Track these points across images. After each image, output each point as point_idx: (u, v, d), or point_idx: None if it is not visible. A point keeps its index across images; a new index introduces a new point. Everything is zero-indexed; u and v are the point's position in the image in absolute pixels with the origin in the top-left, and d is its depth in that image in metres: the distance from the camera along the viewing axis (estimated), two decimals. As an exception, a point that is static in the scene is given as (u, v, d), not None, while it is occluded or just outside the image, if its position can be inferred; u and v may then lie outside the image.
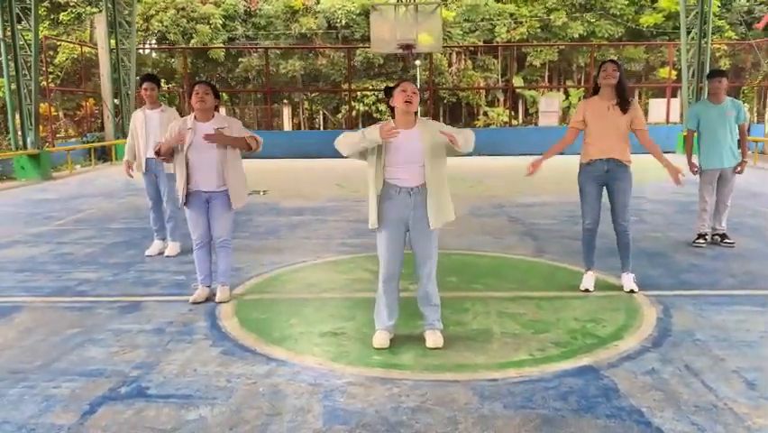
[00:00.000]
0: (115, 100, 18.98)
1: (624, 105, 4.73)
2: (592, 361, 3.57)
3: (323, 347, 3.86)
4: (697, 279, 5.30)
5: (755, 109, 22.70)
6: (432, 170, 3.66)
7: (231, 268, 4.99)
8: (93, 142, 18.74)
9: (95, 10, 26.53)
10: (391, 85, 3.83)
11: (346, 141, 3.73)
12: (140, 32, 26.14)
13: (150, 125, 6.23)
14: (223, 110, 5.41)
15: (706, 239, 6.50)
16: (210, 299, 4.81)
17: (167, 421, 2.93)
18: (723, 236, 6.49)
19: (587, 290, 4.91)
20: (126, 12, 18.83)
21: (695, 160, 6.53)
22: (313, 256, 6.27)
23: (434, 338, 3.82)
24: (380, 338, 3.83)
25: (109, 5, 18.36)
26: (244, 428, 2.87)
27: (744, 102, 22.83)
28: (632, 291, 4.86)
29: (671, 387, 3.23)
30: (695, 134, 6.54)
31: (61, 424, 2.91)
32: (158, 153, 4.68)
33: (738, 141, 6.41)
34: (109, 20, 18.47)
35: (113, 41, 18.60)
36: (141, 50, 28.16)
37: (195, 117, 4.66)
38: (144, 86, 6.22)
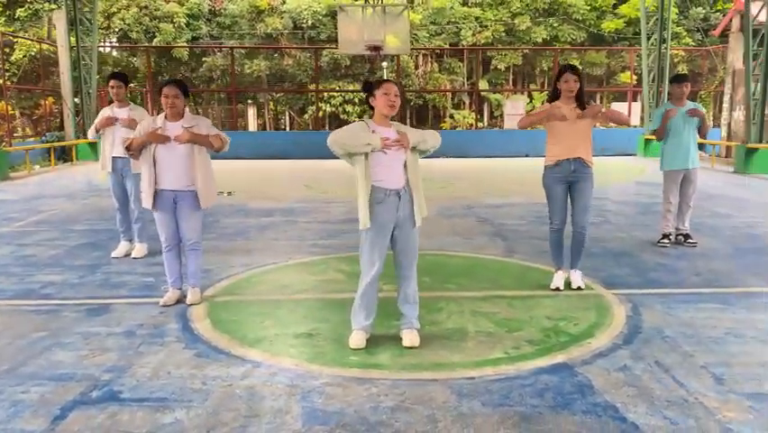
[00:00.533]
0: (76, 99, 18.52)
1: (584, 108, 4.86)
2: (566, 358, 3.63)
3: (298, 348, 3.83)
4: (664, 277, 5.43)
5: (712, 114, 23.36)
6: (412, 170, 3.74)
7: (201, 269, 4.92)
8: (52, 141, 18.25)
9: (53, 6, 25.86)
10: (372, 81, 3.83)
11: (346, 141, 3.65)
12: (101, 30, 25.58)
13: (117, 125, 6.11)
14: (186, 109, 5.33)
15: (670, 239, 6.66)
16: (181, 301, 4.73)
17: (142, 425, 2.87)
18: (686, 236, 6.66)
19: (557, 289, 4.99)
20: (87, 9, 18.40)
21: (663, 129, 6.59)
22: (284, 258, 6.22)
23: (410, 337, 3.83)
24: (357, 338, 3.82)
25: (69, 2, 17.90)
26: (222, 430, 2.82)
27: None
28: (579, 288, 4.97)
29: (643, 383, 3.30)
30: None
31: (32, 430, 2.83)
32: (127, 148, 4.59)
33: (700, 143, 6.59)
34: (69, 17, 18.02)
35: (73, 39, 18.15)
36: (102, 49, 27.54)
37: (165, 117, 4.59)
38: (111, 83, 6.10)
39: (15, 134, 20.63)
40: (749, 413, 2.96)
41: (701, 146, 19.05)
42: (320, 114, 26.30)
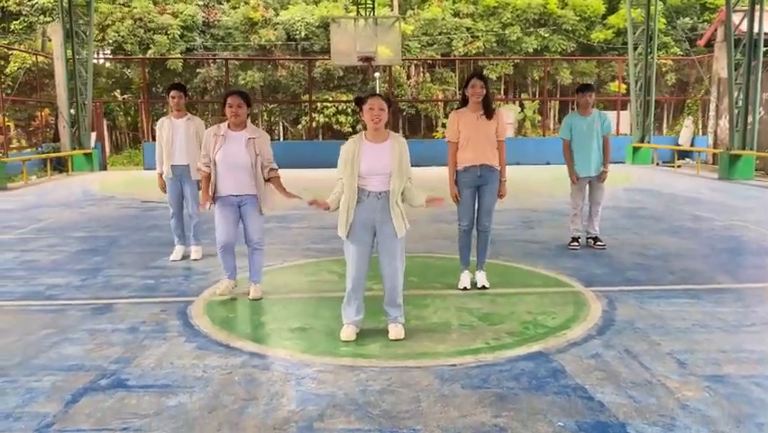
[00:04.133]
0: (71, 110, 18.76)
1: (489, 114, 5.12)
2: (542, 347, 3.90)
3: (293, 341, 4.08)
4: (640, 276, 5.71)
5: (699, 122, 23.77)
6: (396, 182, 3.97)
7: (263, 267, 5.19)
8: (48, 152, 18.46)
9: (48, 19, 26.15)
10: (361, 95, 4.12)
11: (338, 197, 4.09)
12: (96, 42, 25.84)
13: (176, 134, 6.37)
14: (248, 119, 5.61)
15: (579, 242, 6.93)
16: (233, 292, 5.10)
17: (148, 408, 3.11)
18: (596, 239, 6.92)
19: (465, 288, 5.23)
20: (82, 21, 18.67)
21: (573, 170, 6.86)
22: (279, 260, 6.47)
23: (395, 330, 4.09)
24: (348, 332, 4.08)
25: (65, 15, 18.18)
26: (223, 411, 3.07)
27: (688, 114, 23.93)
28: (484, 288, 5.23)
29: (612, 368, 3.57)
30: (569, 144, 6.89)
31: (46, 412, 3.07)
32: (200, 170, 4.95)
33: (604, 147, 6.83)
34: (65, 29, 18.28)
35: (68, 51, 18.41)
36: (96, 60, 27.81)
37: (228, 126, 4.86)
38: (172, 94, 6.37)
39: (11, 146, 20.80)
40: (706, 392, 3.23)
41: (688, 153, 19.53)
42: (313, 124, 26.59)
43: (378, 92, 28.37)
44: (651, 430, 2.84)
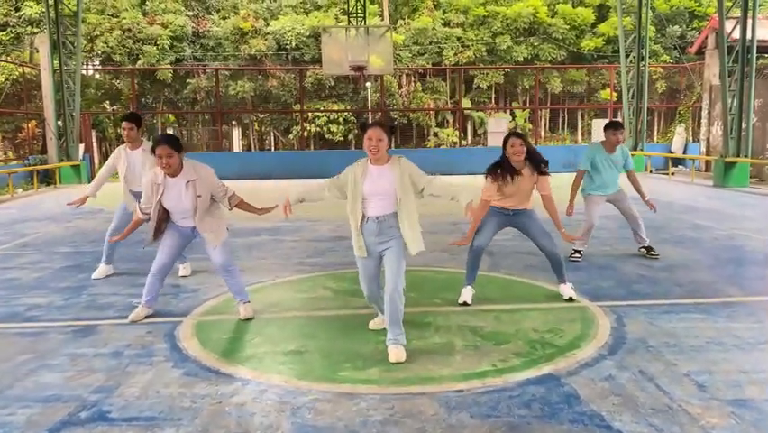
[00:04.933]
0: (59, 122, 18.46)
1: (541, 171, 4.93)
2: (552, 369, 3.68)
3: (287, 365, 3.84)
4: (647, 289, 5.52)
5: (690, 129, 23.76)
6: (404, 201, 3.92)
7: (244, 286, 4.96)
8: (35, 164, 18.13)
9: (36, 30, 25.86)
10: (365, 122, 4.12)
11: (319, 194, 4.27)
12: (84, 53, 25.59)
13: (133, 164, 6.19)
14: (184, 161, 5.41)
15: (581, 254, 6.77)
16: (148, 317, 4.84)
17: (131, 444, 2.87)
18: (648, 249, 6.79)
19: (465, 304, 5.03)
20: (70, 32, 18.42)
21: (574, 202, 6.67)
22: (271, 276, 6.24)
23: (396, 352, 3.87)
24: (377, 321, 4.34)
25: (52, 26, 17.92)
26: (212, 447, 2.83)
27: (680, 122, 23.90)
28: (571, 299, 5.10)
29: (628, 391, 3.35)
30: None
31: (20, 451, 2.81)
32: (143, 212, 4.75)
33: (633, 182, 6.85)
34: (52, 40, 18.02)
35: (56, 62, 18.14)
36: (85, 71, 27.53)
37: (165, 174, 4.63)
38: (123, 125, 6.16)
39: (-3, 158, 20.45)
40: (731, 419, 3.02)
41: (681, 161, 19.46)
42: (305, 134, 26.40)
43: (368, 103, 28.26)
44: (677, 464, 2.62)
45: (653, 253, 6.74)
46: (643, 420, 3.02)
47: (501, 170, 4.98)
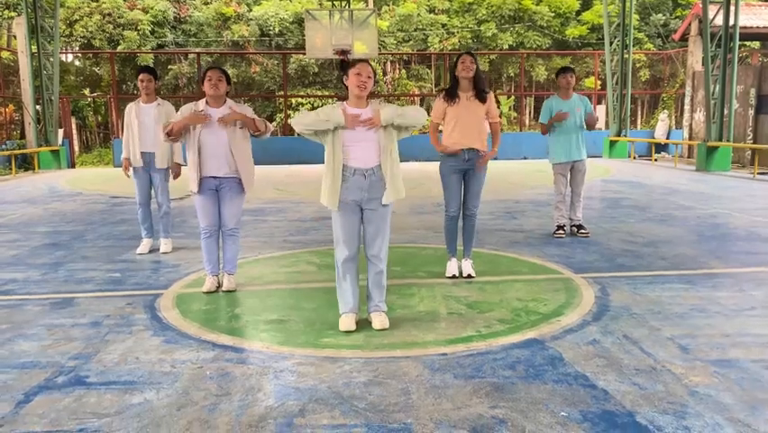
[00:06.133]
0: (37, 107, 18.13)
1: (481, 96, 4.89)
2: (537, 334, 3.66)
3: (270, 333, 3.79)
4: (631, 262, 5.52)
5: (674, 116, 23.91)
6: (385, 149, 3.73)
7: (237, 257, 4.90)
8: (13, 149, 17.81)
9: (13, 14, 25.34)
10: (348, 60, 3.84)
11: (307, 120, 3.69)
12: (63, 38, 25.14)
13: (144, 120, 6.00)
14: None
15: (564, 230, 6.76)
16: (218, 288, 4.76)
17: (109, 406, 2.80)
18: (579, 227, 6.76)
19: (453, 276, 5.00)
20: (48, 16, 18.06)
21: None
22: (254, 253, 6.16)
23: (380, 319, 3.82)
24: (346, 321, 3.79)
25: (29, 9, 17.55)
26: (193, 408, 2.77)
27: (663, 108, 24.05)
28: (470, 276, 4.99)
29: (612, 354, 3.34)
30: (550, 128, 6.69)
31: (-7, 414, 2.74)
32: (168, 134, 4.53)
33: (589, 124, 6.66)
34: (30, 24, 17.65)
35: (34, 47, 17.77)
36: (64, 57, 27.07)
37: (206, 102, 4.58)
38: (141, 77, 6.01)
39: (-25, 144, 20.05)
40: (714, 377, 3.02)
41: (665, 147, 19.60)
42: (288, 120, 26.21)
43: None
44: (662, 419, 2.61)
45: (583, 231, 6.71)
46: (627, 380, 3.01)
47: (450, 89, 4.96)
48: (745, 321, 3.88)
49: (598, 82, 24.17)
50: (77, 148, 23.26)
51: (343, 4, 19.89)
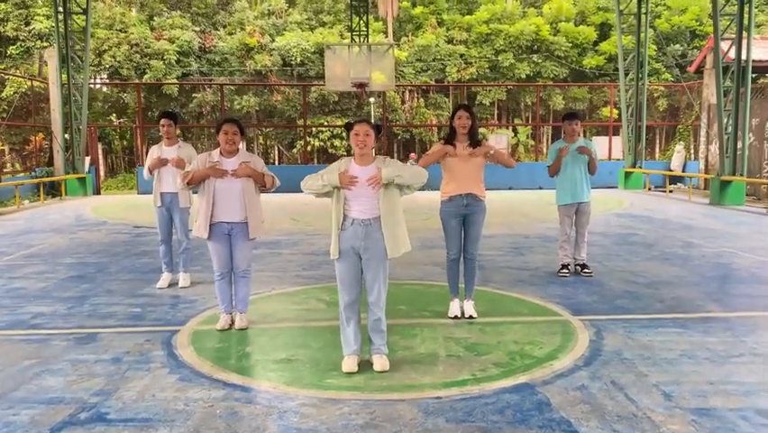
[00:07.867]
0: (66, 135, 18.79)
1: (475, 145, 5.19)
2: (528, 379, 3.87)
3: (277, 373, 4.04)
4: (629, 304, 5.70)
5: (691, 147, 23.96)
6: (385, 203, 4.00)
7: (249, 296, 5.18)
8: (42, 176, 18.45)
9: (45, 44, 26.31)
10: (351, 121, 4.15)
11: (309, 183, 4.09)
12: (92, 67, 26.00)
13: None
14: (241, 145, 5.67)
15: (569, 269, 6.95)
16: (232, 325, 5.03)
17: (127, 443, 3.07)
18: (583, 266, 6.96)
19: (456, 317, 5.20)
20: (79, 47, 18.80)
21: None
22: (267, 288, 6.44)
23: (381, 362, 4.06)
24: (349, 363, 4.04)
25: (61, 40, 18.31)
26: (202, 446, 3.03)
27: (680, 140, 24.09)
28: (471, 317, 5.19)
29: (597, 400, 3.54)
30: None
31: (23, 448, 3.02)
32: (188, 183, 4.89)
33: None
34: (61, 54, 18.39)
35: (64, 76, 18.49)
36: (92, 85, 27.93)
37: (220, 153, 4.91)
38: (162, 122, 6.42)
39: (5, 170, 20.80)
40: (691, 426, 3.20)
41: (679, 179, 19.63)
42: (308, 148, 26.70)
43: (370, 117, 28.56)
44: (635, 466, 2.81)
45: (587, 271, 6.90)
46: (608, 427, 3.20)
47: (447, 139, 5.26)
48: (732, 368, 4.05)
49: (615, 112, 24.31)
50: (102, 173, 23.91)
51: (363, 37, 20.39)
